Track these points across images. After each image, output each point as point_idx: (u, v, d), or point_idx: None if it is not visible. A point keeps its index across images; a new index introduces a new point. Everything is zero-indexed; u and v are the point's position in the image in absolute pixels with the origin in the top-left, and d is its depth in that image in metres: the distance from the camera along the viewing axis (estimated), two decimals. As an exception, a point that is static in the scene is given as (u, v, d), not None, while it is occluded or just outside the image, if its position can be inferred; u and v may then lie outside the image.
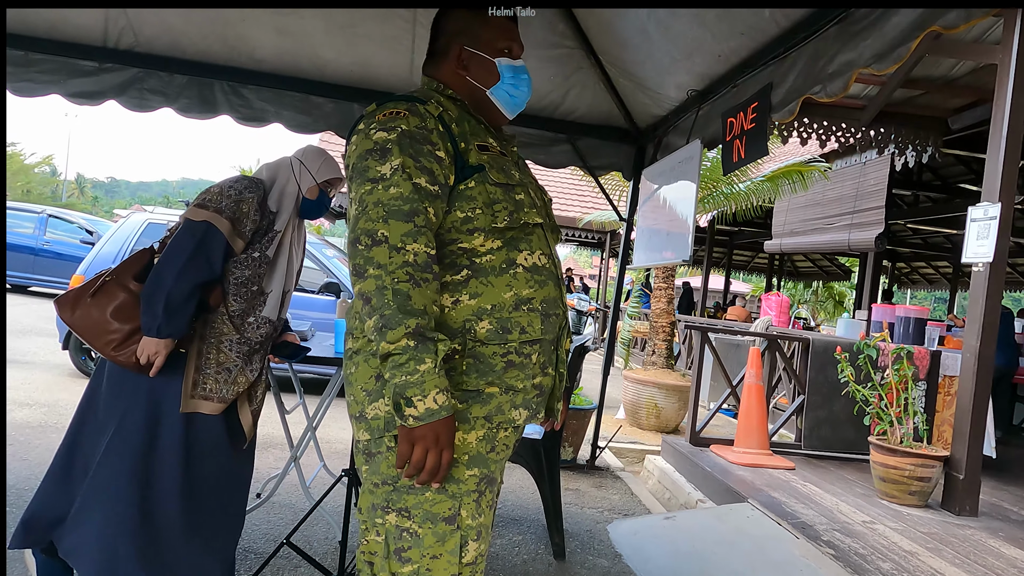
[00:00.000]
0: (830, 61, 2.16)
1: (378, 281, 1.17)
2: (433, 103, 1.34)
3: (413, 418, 1.15)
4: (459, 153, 1.31)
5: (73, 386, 5.59)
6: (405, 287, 1.16)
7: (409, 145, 1.25)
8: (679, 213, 3.44)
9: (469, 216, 1.29)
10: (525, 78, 1.47)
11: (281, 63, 3.69)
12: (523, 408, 1.32)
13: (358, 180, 1.25)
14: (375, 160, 1.24)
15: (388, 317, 1.15)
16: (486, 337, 1.27)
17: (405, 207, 1.20)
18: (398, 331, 1.14)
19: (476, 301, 1.27)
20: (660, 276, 6.58)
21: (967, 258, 3.50)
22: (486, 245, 1.30)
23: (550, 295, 1.36)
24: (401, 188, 1.21)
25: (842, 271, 17.86)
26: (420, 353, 1.15)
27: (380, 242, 1.18)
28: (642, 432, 5.94)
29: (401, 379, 1.14)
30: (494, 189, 1.31)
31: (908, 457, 3.40)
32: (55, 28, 3.48)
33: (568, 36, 3.56)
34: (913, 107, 5.06)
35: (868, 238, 6.33)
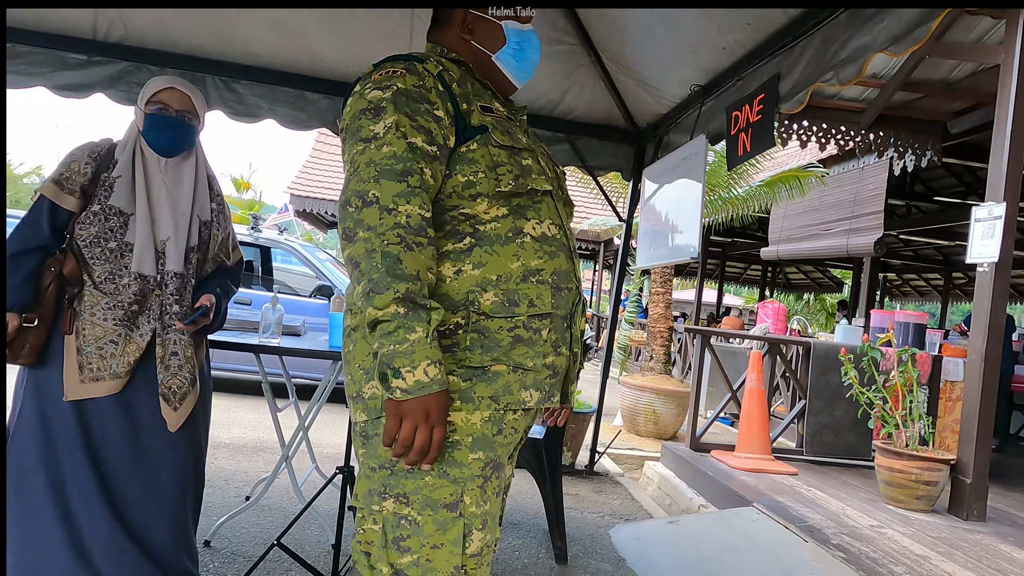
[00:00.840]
0: (842, 47, 2.11)
1: (367, 244, 1.09)
2: (432, 61, 1.27)
3: (401, 390, 1.07)
4: (460, 113, 1.24)
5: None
6: (395, 250, 1.09)
7: (405, 103, 1.18)
8: (684, 210, 3.38)
9: (471, 180, 1.21)
10: (534, 43, 1.40)
11: (276, 58, 3.62)
12: (534, 389, 1.23)
13: (351, 140, 1.18)
14: (368, 119, 1.17)
15: (376, 281, 1.08)
16: (491, 310, 1.19)
17: (398, 166, 1.13)
18: (386, 296, 1.07)
19: (480, 271, 1.19)
20: (658, 281, 6.52)
21: (972, 258, 3.45)
22: (490, 212, 1.22)
23: (561, 267, 1.28)
24: (394, 147, 1.14)
25: (834, 283, 17.90)
26: (410, 321, 1.07)
27: (371, 203, 1.11)
28: (639, 439, 5.85)
29: (389, 348, 1.07)
30: (497, 151, 1.23)
31: (915, 461, 3.33)
32: (43, 20, 3.40)
33: (569, 32, 3.52)
34: (912, 110, 5.04)
35: (867, 243, 6.30)
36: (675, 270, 7.26)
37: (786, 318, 7.36)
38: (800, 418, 4.52)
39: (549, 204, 1.30)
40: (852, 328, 5.90)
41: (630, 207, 4.40)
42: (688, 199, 3.36)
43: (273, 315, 2.47)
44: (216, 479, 3.51)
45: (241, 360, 5.75)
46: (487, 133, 1.24)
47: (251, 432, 4.69)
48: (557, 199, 1.35)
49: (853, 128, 4.93)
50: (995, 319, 3.38)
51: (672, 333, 6.73)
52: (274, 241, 6.71)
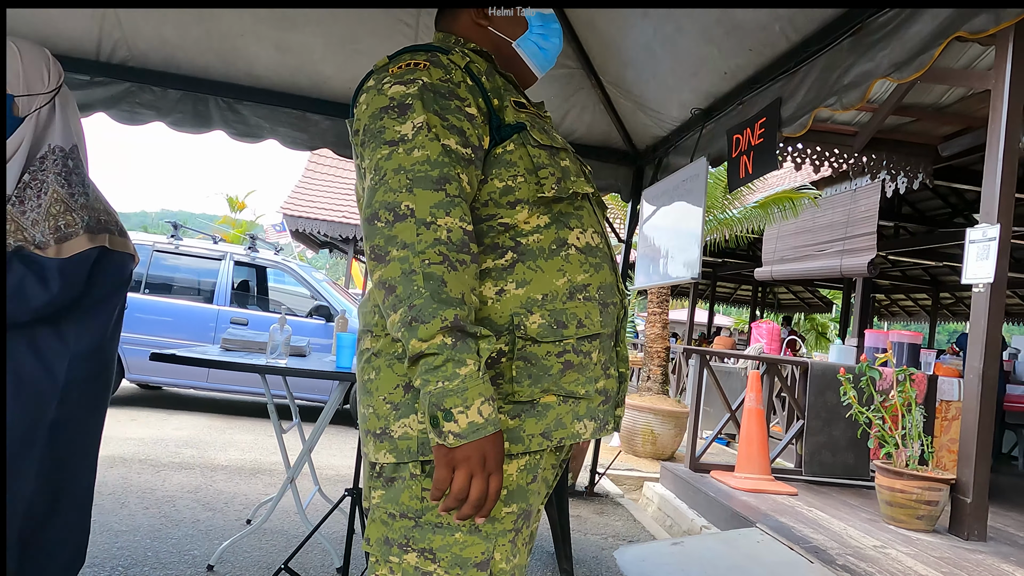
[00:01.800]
0: (845, 72, 2.15)
1: (404, 264, 0.95)
2: (458, 53, 1.13)
3: (454, 435, 0.92)
4: (493, 110, 1.10)
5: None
6: (439, 270, 0.95)
7: (433, 100, 1.04)
8: (685, 231, 3.41)
9: (510, 185, 1.07)
10: (555, 28, 1.27)
11: (279, 79, 3.65)
12: (588, 419, 1.10)
13: (373, 143, 1.03)
14: (392, 119, 1.02)
15: (420, 308, 0.93)
16: (539, 334, 1.05)
17: (434, 173, 0.99)
18: (433, 325, 0.92)
19: (524, 290, 1.06)
20: (655, 301, 6.55)
21: (967, 279, 3.50)
22: (531, 221, 1.09)
23: (606, 280, 1.15)
24: (427, 150, 1.00)
25: (824, 303, 18.05)
26: (460, 353, 0.93)
27: (404, 216, 0.96)
28: (638, 459, 5.84)
29: (437, 386, 0.92)
30: (537, 152, 1.10)
31: (915, 480, 3.35)
32: (47, 41, 3.40)
33: (570, 56, 3.57)
34: (904, 134, 5.14)
35: (860, 264, 6.38)
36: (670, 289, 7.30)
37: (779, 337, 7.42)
38: (798, 438, 4.53)
39: (589, 210, 1.18)
40: (846, 348, 5.94)
41: (629, 228, 4.43)
42: (688, 221, 3.39)
43: (281, 335, 2.46)
44: (215, 502, 3.47)
45: (236, 380, 5.71)
46: (525, 131, 1.11)
47: (248, 454, 4.64)
48: (594, 202, 1.22)
49: (847, 151, 5.01)
50: (991, 338, 3.42)
51: (668, 353, 6.75)
52: (271, 261, 6.69)
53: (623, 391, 1.23)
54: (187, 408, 6.22)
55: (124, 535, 2.86)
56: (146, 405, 6.14)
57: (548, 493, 1.19)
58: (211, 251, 6.40)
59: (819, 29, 2.32)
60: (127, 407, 5.95)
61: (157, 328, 5.92)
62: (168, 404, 6.33)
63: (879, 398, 3.70)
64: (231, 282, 6.28)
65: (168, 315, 6.02)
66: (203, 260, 6.36)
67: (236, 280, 6.45)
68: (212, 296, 6.20)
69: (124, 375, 5.88)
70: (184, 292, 6.31)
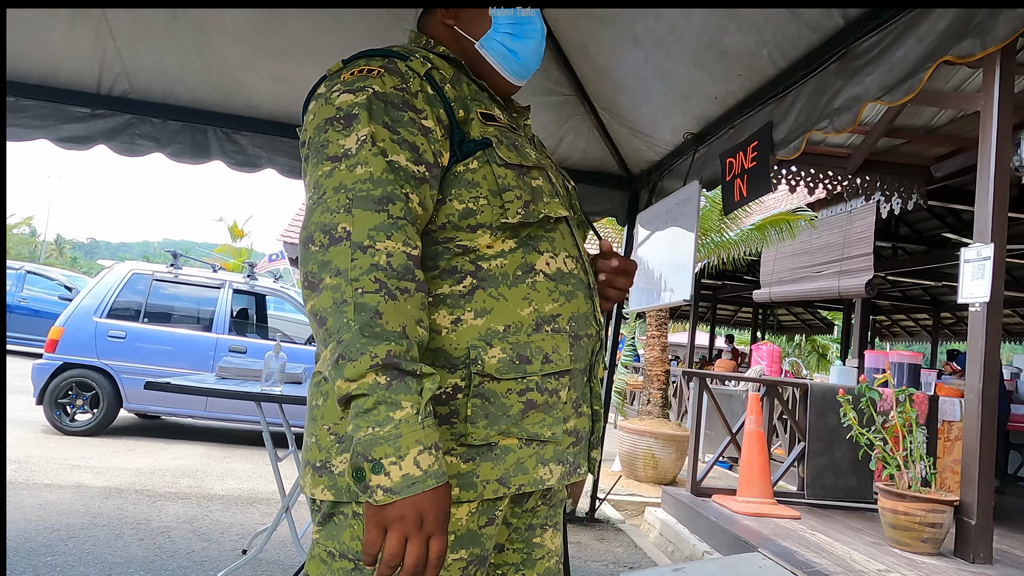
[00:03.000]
0: (835, 96, 2.18)
1: (336, 294, 0.85)
2: (418, 59, 1.02)
3: (383, 490, 0.80)
4: (456, 123, 1.00)
5: (46, 442, 5.35)
6: (373, 300, 0.84)
7: (383, 111, 0.94)
8: (678, 253, 3.43)
9: (470, 208, 0.97)
10: (531, 28, 1.13)
11: (277, 109, 3.70)
12: (555, 463, 1.00)
13: (315, 159, 0.94)
14: (337, 131, 0.93)
15: (348, 344, 0.82)
16: (498, 369, 0.95)
17: (376, 191, 0.89)
18: (361, 363, 0.82)
19: (484, 320, 0.96)
20: (653, 324, 6.55)
21: (963, 298, 3.51)
22: (495, 246, 0.99)
23: (580, 310, 1.05)
24: (371, 166, 0.90)
25: (824, 324, 18.02)
26: (395, 394, 0.82)
27: (340, 240, 0.87)
28: (639, 484, 5.78)
29: (366, 433, 0.81)
30: (504, 172, 1.00)
31: (918, 502, 3.32)
32: (49, 75, 3.46)
33: (563, 84, 3.62)
34: (897, 155, 5.18)
35: (858, 284, 6.39)
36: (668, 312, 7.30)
37: (780, 358, 7.40)
38: (800, 460, 4.50)
39: (564, 232, 1.08)
40: (847, 369, 5.93)
41: (625, 252, 4.45)
42: (681, 244, 3.41)
43: (276, 363, 2.46)
44: (211, 532, 3.43)
45: (235, 409, 5.68)
46: (491, 148, 1.00)
47: (246, 483, 4.61)
48: (573, 223, 1.12)
49: (840, 173, 5.05)
50: (990, 358, 3.42)
51: (668, 377, 6.73)
52: (270, 289, 6.71)
53: (598, 431, 1.12)
54: (185, 437, 6.19)
55: (118, 567, 2.83)
56: (144, 435, 6.11)
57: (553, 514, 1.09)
58: (210, 279, 6.42)
59: (805, 55, 2.36)
60: (125, 437, 5.92)
61: (156, 357, 5.91)
62: (166, 433, 6.30)
63: (880, 419, 3.68)
64: (230, 310, 6.29)
65: (167, 344, 6.02)
66: (202, 289, 6.38)
67: (235, 308, 6.46)
68: (211, 324, 6.21)
69: (122, 404, 5.86)
70: (183, 321, 6.32)
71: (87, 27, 3.14)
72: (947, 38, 1.70)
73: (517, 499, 1.03)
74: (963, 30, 1.65)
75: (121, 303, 6.02)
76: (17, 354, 11.06)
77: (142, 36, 3.22)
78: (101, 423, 5.82)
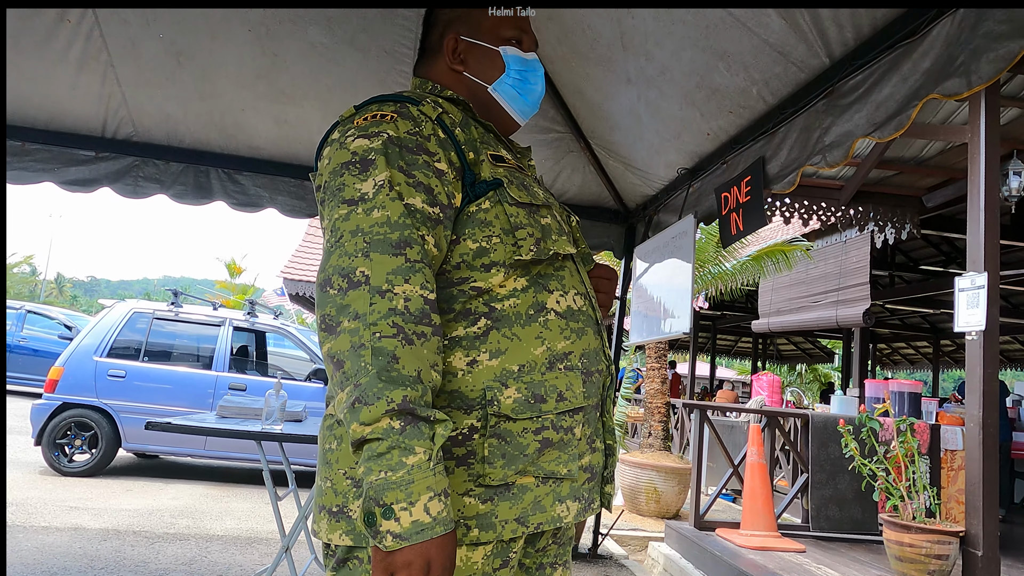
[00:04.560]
0: (825, 132, 2.24)
1: (354, 338, 0.86)
2: (429, 103, 1.05)
3: (393, 536, 0.81)
4: (467, 165, 1.03)
5: (44, 484, 5.30)
6: (390, 344, 0.86)
7: (399, 155, 0.97)
8: (676, 287, 3.46)
9: (484, 247, 0.99)
10: (538, 73, 1.21)
11: (278, 150, 3.77)
12: (572, 500, 1.01)
13: (332, 202, 0.96)
14: (353, 175, 0.95)
15: (365, 388, 0.84)
16: (513, 409, 0.96)
17: (393, 235, 0.91)
18: (377, 407, 0.83)
19: (499, 361, 0.97)
20: (653, 356, 6.55)
21: (960, 327, 3.53)
22: (507, 284, 1.01)
23: (591, 346, 1.07)
24: (388, 210, 0.92)
25: (825, 353, 18.00)
26: (408, 439, 0.83)
27: (358, 284, 0.88)
28: (642, 518, 5.72)
29: (379, 476, 0.82)
30: (515, 211, 1.02)
31: (923, 534, 3.29)
32: (54, 120, 3.54)
33: (559, 122, 3.69)
34: (889, 186, 5.26)
35: (856, 314, 6.41)
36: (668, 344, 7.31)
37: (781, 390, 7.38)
38: (803, 492, 4.47)
39: (572, 269, 1.10)
40: (848, 399, 5.91)
41: (623, 285, 4.49)
42: (678, 277, 3.45)
43: (277, 401, 2.47)
44: (209, 574, 3.39)
45: (234, 447, 5.66)
46: (502, 188, 1.03)
47: (245, 523, 4.56)
48: (578, 260, 1.14)
49: (833, 204, 5.12)
50: (988, 386, 3.42)
51: (669, 409, 6.70)
52: (270, 326, 6.72)
53: (611, 466, 1.13)
54: (184, 477, 6.14)
55: (116, 611, 2.80)
56: (142, 475, 6.06)
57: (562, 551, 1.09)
58: (210, 317, 6.44)
59: (793, 92, 2.42)
60: (123, 477, 5.88)
61: (155, 396, 5.90)
62: (165, 473, 6.25)
63: (881, 449, 3.67)
64: (230, 348, 6.30)
65: (167, 382, 6.01)
66: (202, 326, 6.39)
67: (235, 345, 6.47)
68: (211, 362, 6.21)
69: (121, 444, 5.83)
70: (183, 359, 6.32)
71: (94, 74, 3.22)
72: (931, 77, 1.76)
73: (530, 539, 1.03)
74: (947, 70, 1.70)
75: (121, 342, 6.03)
76: (17, 394, 11.01)
77: (147, 81, 3.30)
78: (99, 463, 5.78)
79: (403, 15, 2.96)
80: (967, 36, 1.64)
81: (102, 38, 3.05)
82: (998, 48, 1.53)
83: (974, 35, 1.61)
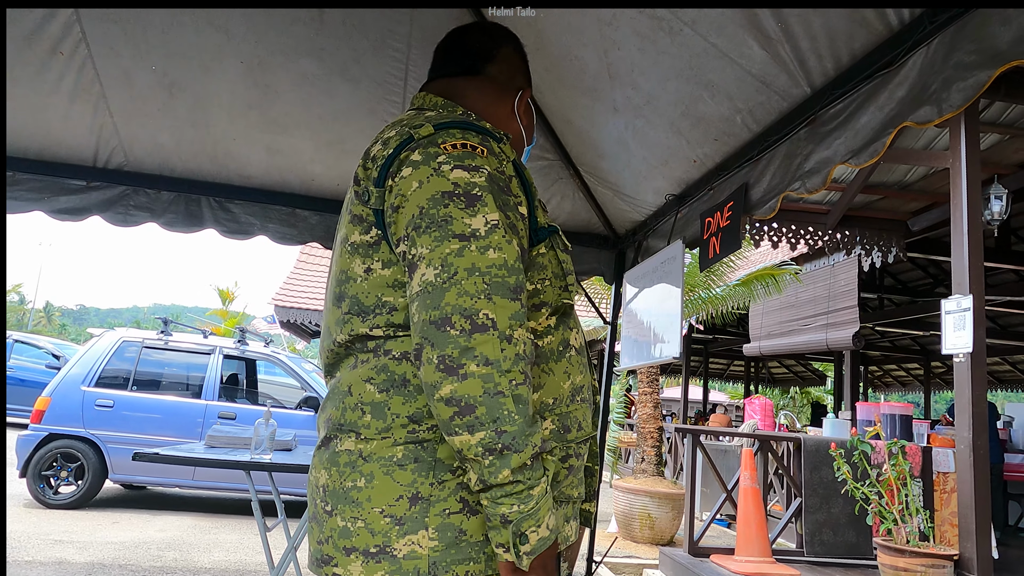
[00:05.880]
0: (805, 159, 2.28)
1: (488, 383, 0.86)
2: (507, 143, 1.06)
3: (527, 555, 0.88)
4: (531, 210, 1.04)
5: (29, 517, 5.21)
6: (524, 392, 0.88)
7: (499, 194, 0.96)
8: (665, 312, 3.48)
9: (538, 288, 1.03)
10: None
11: (269, 179, 3.79)
12: (574, 520, 1.09)
13: (436, 232, 0.91)
14: (460, 208, 0.92)
15: (513, 435, 0.86)
16: (548, 440, 1.02)
17: (511, 279, 0.90)
18: (525, 454, 0.87)
19: (539, 395, 1.02)
20: (645, 381, 6.55)
21: (947, 350, 3.56)
22: (542, 323, 1.05)
23: (591, 380, 1.15)
24: (504, 253, 0.91)
25: (817, 376, 18.03)
26: (535, 475, 0.89)
27: (485, 327, 0.87)
28: (636, 545, 5.67)
29: (514, 510, 0.87)
30: (566, 257, 1.07)
31: (918, 558, 3.28)
32: (46, 150, 3.55)
33: (548, 149, 3.74)
34: (874, 211, 5.34)
35: (845, 337, 6.45)
36: (660, 369, 7.32)
37: (773, 413, 7.38)
38: (797, 517, 4.45)
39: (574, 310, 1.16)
40: (840, 422, 5.92)
41: (614, 310, 4.51)
42: (668, 302, 3.47)
43: (266, 431, 2.45)
44: (197, 608, 3.34)
45: (223, 477, 5.58)
46: (556, 234, 1.08)
47: (233, 555, 4.49)
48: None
49: (820, 228, 5.18)
50: (977, 408, 3.45)
51: (662, 433, 6.69)
52: (260, 354, 6.69)
53: (592, 485, 1.20)
54: (172, 508, 6.04)
55: (101, 648, 2.74)
56: (129, 506, 5.97)
57: None
58: (200, 345, 6.40)
59: (776, 121, 2.47)
60: (109, 509, 5.78)
61: (143, 426, 5.84)
62: (152, 504, 6.15)
63: (873, 472, 3.67)
64: (220, 376, 6.25)
65: (155, 412, 5.96)
66: (192, 355, 6.35)
67: (225, 374, 6.43)
68: (200, 391, 6.16)
69: (108, 475, 5.74)
70: (172, 388, 6.27)
71: (86, 104, 3.25)
72: (905, 106, 1.81)
73: None
74: (920, 98, 1.75)
75: (110, 371, 5.98)
76: (1, 425, 10.85)
77: (139, 112, 3.33)
78: (85, 495, 5.69)
79: (393, 47, 3.01)
80: (940, 66, 1.69)
81: (95, 70, 3.08)
82: (968, 77, 1.58)
83: (946, 65, 1.66)
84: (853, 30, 1.95)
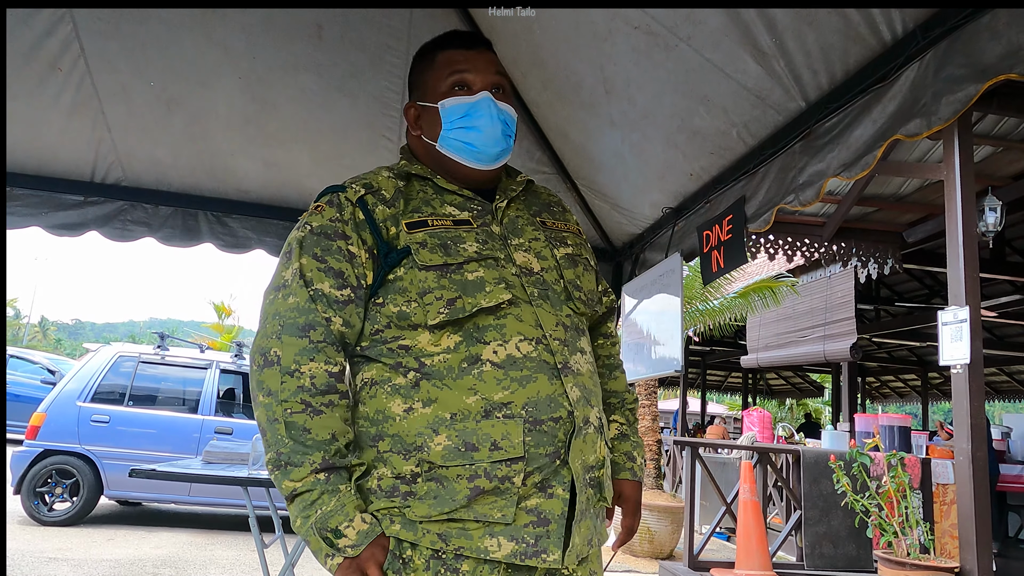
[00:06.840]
0: (800, 172, 2.30)
1: (268, 412, 1.02)
2: (353, 187, 1.15)
3: (350, 547, 1.00)
4: (384, 240, 1.11)
5: (23, 534, 5.16)
6: (300, 419, 1.01)
7: (315, 243, 1.10)
8: (665, 324, 3.49)
9: (404, 310, 1.08)
10: (484, 113, 1.17)
11: (266, 193, 3.79)
12: (505, 538, 1.02)
13: (268, 287, 1.12)
14: (282, 264, 1.11)
15: (288, 455, 1.01)
16: (443, 456, 1.03)
17: (300, 319, 1.05)
18: (303, 469, 1.01)
19: (431, 409, 1.05)
20: (643, 393, 6.54)
21: (944, 361, 3.56)
22: (441, 343, 1.07)
23: (541, 393, 1.05)
24: (298, 297, 1.07)
25: (815, 387, 18.02)
26: (333, 484, 1.01)
27: (272, 363, 1.03)
28: (635, 559, 5.64)
29: (319, 512, 1.00)
30: (423, 275, 1.08)
31: (919, 570, 3.27)
32: (44, 166, 3.55)
33: (545, 163, 3.76)
34: (870, 222, 5.36)
35: (843, 348, 6.46)
36: (657, 380, 7.31)
37: (772, 425, 7.37)
38: (797, 529, 4.43)
39: (519, 315, 1.09)
40: (839, 433, 5.91)
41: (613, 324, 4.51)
42: (667, 314, 3.47)
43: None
44: (193, 626, 3.30)
45: (219, 493, 5.54)
46: (410, 256, 1.10)
47: (230, 572, 4.45)
48: (539, 303, 1.12)
49: (816, 240, 5.20)
50: (976, 419, 3.45)
51: (660, 446, 6.67)
52: (256, 367, 6.65)
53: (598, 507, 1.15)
54: (168, 524, 6.00)
55: (95, 668, 2.70)
56: (124, 523, 5.92)
57: None
58: (197, 360, 6.38)
59: (772, 134, 2.49)
60: (104, 526, 5.73)
61: (139, 441, 5.80)
62: (148, 521, 6.10)
63: (873, 484, 3.66)
64: (216, 391, 6.22)
65: (152, 427, 5.92)
66: (189, 369, 6.33)
67: (222, 388, 6.39)
68: (197, 406, 6.13)
69: (103, 491, 5.70)
70: (169, 403, 6.23)
71: (84, 119, 3.25)
72: (896, 119, 1.82)
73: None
74: (910, 112, 1.77)
75: (106, 386, 5.95)
76: (-5, 441, 10.77)
77: (137, 126, 3.34)
78: (80, 512, 5.64)
79: (391, 62, 3.03)
80: (931, 80, 1.71)
81: (93, 85, 3.09)
82: (957, 91, 1.60)
83: (937, 79, 1.68)
84: (847, 45, 1.97)
